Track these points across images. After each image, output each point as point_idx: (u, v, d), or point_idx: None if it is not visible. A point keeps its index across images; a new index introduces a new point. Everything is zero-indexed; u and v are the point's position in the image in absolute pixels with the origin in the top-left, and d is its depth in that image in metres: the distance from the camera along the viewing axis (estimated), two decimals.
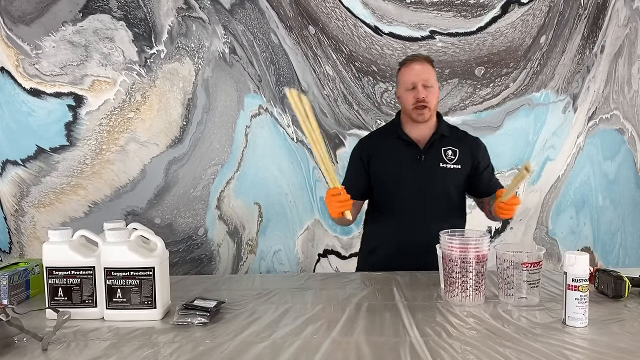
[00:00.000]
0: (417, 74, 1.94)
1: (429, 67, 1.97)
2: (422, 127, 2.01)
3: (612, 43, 2.91)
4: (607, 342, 1.24)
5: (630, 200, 3.00)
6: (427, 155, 1.99)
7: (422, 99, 1.92)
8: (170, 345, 1.26)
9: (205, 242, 2.92)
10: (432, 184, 1.96)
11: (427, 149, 2.00)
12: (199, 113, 2.86)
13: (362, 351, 1.20)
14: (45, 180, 2.88)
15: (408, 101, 1.95)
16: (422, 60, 1.98)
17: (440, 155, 2.00)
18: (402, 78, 1.99)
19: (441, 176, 1.97)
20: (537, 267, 1.53)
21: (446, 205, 2.01)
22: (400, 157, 2.00)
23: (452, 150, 2.01)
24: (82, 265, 1.46)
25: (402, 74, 1.99)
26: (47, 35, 2.81)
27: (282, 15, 2.83)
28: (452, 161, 1.99)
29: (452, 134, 2.06)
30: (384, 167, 2.02)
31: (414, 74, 1.94)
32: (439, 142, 2.01)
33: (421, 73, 1.94)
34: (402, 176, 1.99)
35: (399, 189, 1.99)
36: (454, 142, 2.03)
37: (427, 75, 1.95)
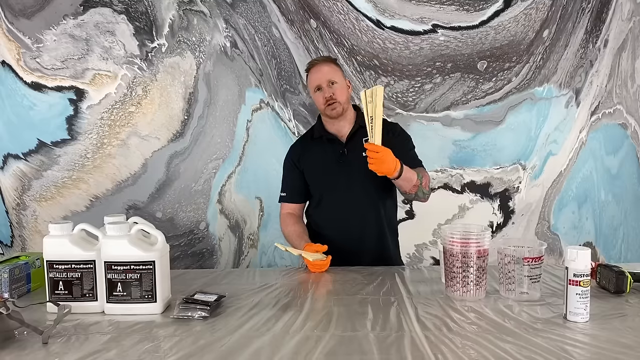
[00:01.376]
0: (319, 76, 2.04)
1: (330, 65, 2.07)
2: (342, 123, 2.10)
3: (615, 37, 2.89)
4: (608, 337, 1.24)
5: (633, 195, 2.99)
6: (350, 148, 2.08)
7: (329, 97, 2.01)
8: (171, 339, 1.26)
9: (207, 237, 2.92)
10: (358, 175, 2.01)
11: (349, 142, 2.09)
12: (200, 107, 2.86)
13: (362, 345, 1.20)
14: (47, 174, 2.88)
15: (319, 101, 2.05)
16: (322, 62, 2.08)
17: (361, 146, 2.01)
18: (309, 83, 2.10)
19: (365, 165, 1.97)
20: (539, 262, 1.53)
21: (375, 193, 2.08)
22: (326, 154, 2.09)
23: None
24: (82, 259, 1.46)
25: (308, 80, 2.10)
26: (48, 28, 2.80)
27: (283, 9, 2.82)
28: None
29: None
30: (313, 166, 2.13)
31: (317, 77, 2.04)
32: (360, 134, 2.07)
33: (324, 74, 2.03)
34: (329, 172, 2.09)
35: (328, 184, 2.10)
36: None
37: (330, 74, 2.04)
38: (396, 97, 2.86)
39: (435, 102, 2.86)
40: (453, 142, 2.88)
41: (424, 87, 2.85)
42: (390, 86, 2.86)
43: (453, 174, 2.90)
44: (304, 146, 2.19)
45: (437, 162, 2.89)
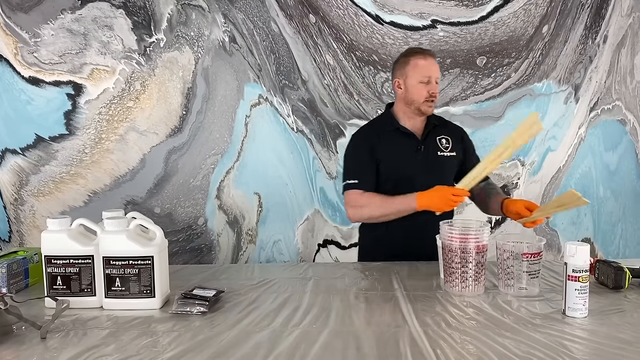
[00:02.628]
0: (433, 70, 1.97)
1: (438, 65, 2.02)
2: (420, 120, 2.06)
3: (615, 33, 2.88)
4: (606, 332, 1.24)
5: (631, 192, 3.00)
6: (426, 145, 2.04)
7: (433, 94, 1.96)
8: (169, 334, 1.26)
9: (205, 232, 2.92)
10: (433, 173, 1.98)
11: (425, 139, 2.04)
12: (198, 102, 2.85)
13: (361, 341, 1.20)
14: (45, 169, 2.87)
15: (421, 94, 1.96)
16: (434, 56, 2.01)
17: (436, 144, 2.05)
18: (417, 69, 1.96)
19: (440, 164, 2.02)
20: (537, 257, 1.53)
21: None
22: (402, 148, 2.03)
23: (445, 138, 2.07)
24: (80, 254, 1.45)
25: (416, 66, 1.97)
26: (45, 23, 2.79)
27: (282, 4, 2.81)
28: (447, 149, 2.05)
29: (440, 124, 2.11)
30: (390, 157, 2.02)
31: (431, 69, 1.96)
32: (434, 132, 2.06)
33: (436, 70, 1.98)
34: (405, 166, 2.01)
35: (402, 178, 2.00)
36: (445, 131, 2.09)
37: (438, 72, 2.00)
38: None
39: None
40: None
41: None
42: (389, 82, 2.85)
43: None
44: (380, 135, 2.05)
45: None
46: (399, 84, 2.03)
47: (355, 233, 2.94)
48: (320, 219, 2.94)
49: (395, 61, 2.07)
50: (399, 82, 2.03)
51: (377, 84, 2.85)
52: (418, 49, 2.06)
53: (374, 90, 2.86)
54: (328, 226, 2.94)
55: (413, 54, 2.01)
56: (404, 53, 2.05)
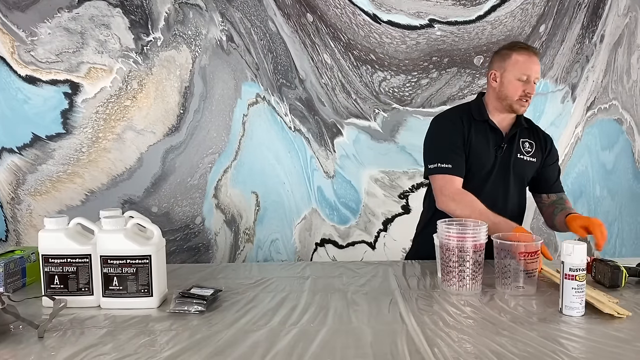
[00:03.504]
0: (534, 68, 1.90)
1: (539, 65, 1.94)
2: (506, 115, 1.99)
3: (611, 32, 2.89)
4: (603, 331, 1.25)
5: (628, 191, 3.01)
6: (509, 145, 1.99)
7: (529, 94, 1.90)
8: (167, 333, 1.26)
9: (203, 231, 2.92)
10: (509, 173, 1.96)
11: (510, 139, 1.99)
12: (196, 101, 2.85)
13: (359, 339, 1.20)
14: (42, 168, 2.86)
15: (517, 91, 1.90)
16: (537, 54, 1.93)
17: (519, 146, 2.00)
18: (517, 66, 1.90)
19: (518, 167, 1.98)
20: (535, 256, 1.53)
21: (517, 196, 2.02)
22: (488, 142, 1.97)
23: (529, 142, 2.02)
24: (78, 253, 1.45)
25: (517, 62, 1.90)
26: (42, 21, 2.78)
27: (279, 3, 2.81)
28: (529, 153, 2.00)
29: (529, 127, 2.06)
30: (477, 147, 1.96)
31: (533, 67, 1.89)
32: (519, 133, 2.01)
33: (538, 69, 1.91)
34: (486, 161, 1.97)
35: (481, 173, 1.96)
36: (531, 135, 2.04)
37: (538, 72, 1.92)
38: (393, 91, 2.86)
39: (431, 97, 2.86)
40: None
41: (421, 82, 2.85)
42: (386, 81, 2.85)
43: None
44: (470, 123, 1.97)
45: None
46: (494, 76, 1.96)
47: (352, 232, 2.94)
48: (317, 218, 2.94)
49: (496, 52, 2.00)
50: (495, 74, 1.96)
51: (375, 83, 2.85)
52: (523, 44, 1.96)
53: (372, 90, 2.86)
54: (325, 225, 2.94)
55: (517, 48, 1.93)
56: (507, 45, 1.97)
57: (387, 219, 2.91)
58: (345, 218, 2.93)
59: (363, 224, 2.94)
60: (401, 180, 2.93)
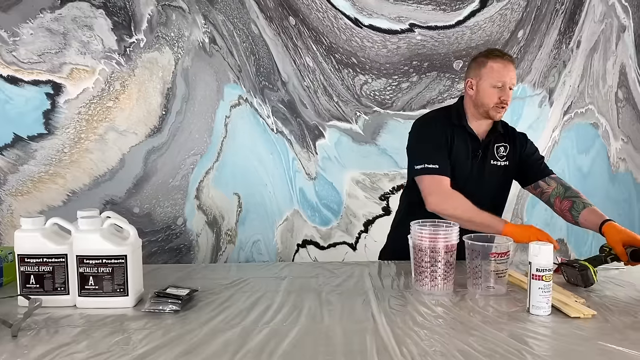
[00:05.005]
0: (509, 75, 1.90)
1: (515, 71, 1.95)
2: (483, 122, 2.00)
3: (588, 38, 2.95)
4: (568, 330, 1.28)
5: (604, 194, 3.06)
6: (484, 152, 2.00)
7: (504, 101, 1.91)
8: (141, 332, 1.28)
9: (184, 232, 2.93)
10: (482, 179, 1.97)
11: (486, 145, 2.00)
12: (178, 102, 2.86)
13: (329, 338, 1.23)
14: (23, 169, 2.86)
15: (492, 98, 1.91)
16: (512, 62, 1.94)
17: (493, 151, 2.00)
18: (492, 74, 1.90)
19: (490, 173, 1.99)
20: (505, 257, 1.57)
21: (490, 201, 2.00)
22: (466, 147, 1.98)
23: (503, 146, 2.02)
24: (54, 252, 1.46)
25: (492, 69, 1.90)
26: (24, 22, 2.78)
27: (262, 6, 2.83)
28: (502, 158, 2.01)
29: (505, 131, 2.06)
30: (454, 152, 1.97)
31: (508, 75, 1.90)
32: (494, 139, 2.02)
33: (513, 76, 1.92)
34: (464, 167, 1.98)
35: (458, 178, 1.96)
36: (506, 139, 2.04)
37: (514, 79, 1.93)
38: (374, 95, 2.89)
39: (412, 100, 2.90)
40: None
41: (401, 86, 2.89)
42: (368, 84, 2.89)
43: None
44: (453, 126, 1.99)
45: None
46: (471, 84, 1.97)
47: (333, 234, 2.97)
48: (299, 219, 2.96)
49: (472, 59, 2.01)
50: (471, 82, 1.97)
51: (356, 86, 2.89)
52: (498, 52, 1.96)
53: (353, 93, 2.89)
54: (307, 227, 2.96)
55: (492, 56, 1.93)
56: (483, 53, 1.97)
57: (368, 220, 2.95)
58: (326, 219, 2.95)
59: (344, 225, 2.97)
60: (382, 182, 2.96)
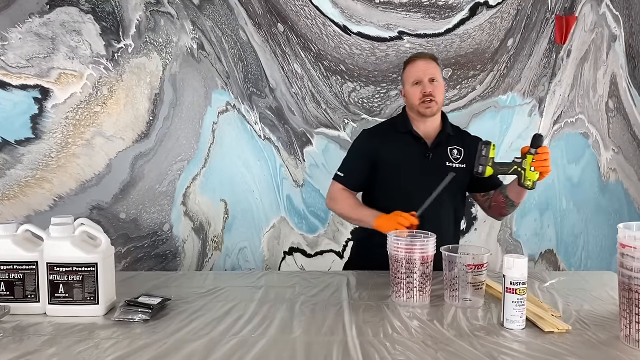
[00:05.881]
0: (422, 69, 1.98)
1: (434, 63, 2.03)
2: (429, 124, 2.04)
3: (578, 47, 2.94)
4: (540, 345, 1.27)
5: (594, 204, 3.04)
6: (435, 153, 2.03)
7: (428, 93, 1.95)
8: (108, 341, 1.27)
9: (171, 238, 2.92)
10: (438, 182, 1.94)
11: (435, 147, 2.03)
12: (165, 108, 2.85)
13: (295, 350, 1.21)
14: (10, 173, 2.85)
15: (415, 96, 1.98)
16: (427, 57, 2.03)
17: (446, 154, 2.04)
18: (407, 74, 2.03)
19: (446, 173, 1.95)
20: (482, 269, 1.55)
21: (448, 203, 2.03)
22: (410, 152, 2.02)
23: (457, 149, 2.05)
24: (24, 259, 1.45)
25: (407, 71, 2.04)
26: (13, 26, 2.77)
27: (251, 12, 2.83)
28: (457, 160, 2.04)
29: (456, 134, 2.10)
30: (392, 159, 2.03)
31: (420, 70, 1.99)
32: (446, 141, 2.05)
33: (426, 68, 1.99)
34: (410, 171, 2.01)
35: (406, 182, 2.00)
36: (459, 142, 2.07)
37: (432, 70, 1.99)
38: (362, 102, 2.88)
39: (400, 108, 2.88)
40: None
41: (390, 93, 2.88)
42: (356, 91, 2.88)
43: None
44: (386, 137, 2.08)
45: None
46: (402, 93, 2.10)
47: (320, 241, 2.95)
48: (286, 226, 2.95)
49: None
50: (402, 91, 2.10)
51: (344, 93, 2.88)
52: (413, 55, 2.10)
53: (341, 100, 2.88)
54: (294, 234, 2.95)
55: (408, 61, 2.07)
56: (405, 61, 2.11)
57: (355, 228, 2.92)
58: (313, 227, 2.94)
59: (331, 232, 2.95)
60: None
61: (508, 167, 1.83)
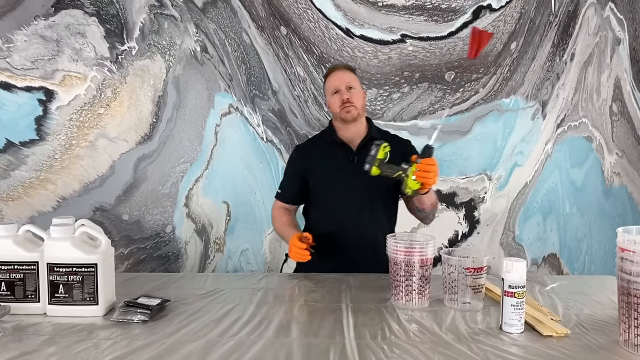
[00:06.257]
0: (339, 79, 2.08)
1: (350, 73, 2.12)
2: (353, 130, 2.11)
3: (582, 51, 2.93)
4: (538, 348, 1.26)
5: (597, 208, 3.03)
6: (360, 157, 2.06)
7: (346, 100, 2.04)
8: (107, 341, 1.27)
9: (173, 240, 2.93)
10: (367, 184, 2.00)
11: (360, 151, 2.09)
12: (169, 110, 2.87)
13: (292, 352, 1.21)
14: (14, 174, 2.87)
15: (335, 104, 2.07)
16: (343, 68, 2.14)
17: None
18: (327, 87, 2.13)
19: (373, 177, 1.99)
20: (481, 272, 1.54)
21: (378, 205, 2.09)
22: (336, 158, 2.10)
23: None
24: (25, 260, 1.46)
25: (326, 84, 2.14)
26: (18, 29, 2.80)
27: (254, 15, 2.84)
28: None
29: (382, 137, 2.13)
30: (322, 169, 2.12)
31: (337, 80, 2.08)
32: (371, 144, 2.05)
33: (342, 78, 2.08)
34: (337, 176, 2.08)
35: (335, 188, 2.09)
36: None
37: (348, 79, 2.08)
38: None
39: (402, 111, 2.89)
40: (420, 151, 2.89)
41: (392, 96, 2.88)
42: None
43: None
44: (313, 149, 2.19)
45: None
46: (327, 103, 2.18)
47: None
48: None
49: None
50: (326, 101, 2.18)
51: None
52: (329, 68, 2.21)
53: None
54: None
55: (325, 75, 2.18)
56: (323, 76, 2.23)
57: None
58: None
59: None
60: None
61: (394, 171, 1.84)
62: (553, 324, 1.39)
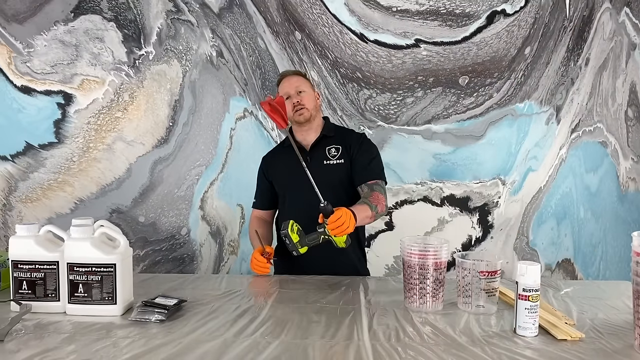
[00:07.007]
0: (288, 85, 2.18)
1: (299, 77, 2.22)
2: (309, 131, 2.20)
3: (597, 56, 2.92)
4: (553, 353, 1.26)
5: (612, 214, 3.01)
6: (313, 156, 2.15)
7: (296, 103, 2.13)
8: (125, 340, 1.30)
9: (188, 242, 2.96)
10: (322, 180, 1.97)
11: (312, 150, 2.17)
12: (185, 114, 2.90)
13: (307, 353, 1.22)
14: (33, 176, 2.92)
15: (288, 109, 2.13)
16: (291, 74, 2.24)
17: (324, 153, 2.16)
18: (280, 93, 2.20)
19: (326, 172, 2.10)
20: (495, 275, 1.55)
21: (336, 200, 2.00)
22: (291, 160, 2.11)
23: (335, 147, 2.17)
24: (46, 259, 1.49)
25: (279, 91, 2.22)
26: (39, 34, 2.86)
27: (269, 21, 2.87)
28: (335, 157, 2.16)
29: (337, 134, 2.22)
30: (279, 173, 2.24)
31: (286, 86, 2.19)
32: (324, 143, 2.18)
33: (291, 83, 2.18)
34: (291, 178, 2.16)
35: (292, 190, 2.18)
36: (338, 140, 2.19)
37: (297, 83, 2.18)
38: (378, 109, 2.90)
39: (416, 115, 2.90)
40: (433, 155, 2.91)
41: (406, 101, 2.89)
42: (372, 99, 2.90)
43: (433, 187, 2.93)
44: (273, 156, 2.31)
45: (418, 175, 2.92)
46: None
47: None
48: None
49: None
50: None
51: (361, 100, 2.90)
52: (279, 76, 2.30)
53: (357, 107, 2.90)
54: None
55: (277, 83, 2.28)
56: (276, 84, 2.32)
57: (371, 235, 2.93)
58: None
59: None
60: None
61: (317, 239, 1.85)
62: (567, 328, 1.39)
